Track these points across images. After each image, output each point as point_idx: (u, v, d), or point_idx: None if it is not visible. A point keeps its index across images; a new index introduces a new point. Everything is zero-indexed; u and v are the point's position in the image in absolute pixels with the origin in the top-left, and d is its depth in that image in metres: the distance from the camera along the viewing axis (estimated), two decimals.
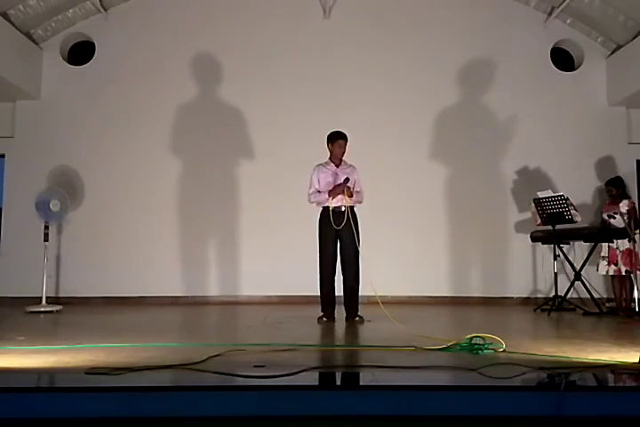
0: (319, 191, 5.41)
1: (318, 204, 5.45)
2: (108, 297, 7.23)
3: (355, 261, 5.34)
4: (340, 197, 5.32)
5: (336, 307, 5.42)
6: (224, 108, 7.66)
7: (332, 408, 2.44)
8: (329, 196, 5.32)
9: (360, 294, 5.39)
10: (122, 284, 7.30)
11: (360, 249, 5.29)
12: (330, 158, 5.53)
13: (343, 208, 5.31)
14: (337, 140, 5.44)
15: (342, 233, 5.32)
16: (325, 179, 5.43)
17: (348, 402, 2.46)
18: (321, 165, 5.54)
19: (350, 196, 5.32)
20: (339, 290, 5.43)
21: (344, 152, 5.48)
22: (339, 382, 2.93)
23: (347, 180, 5.32)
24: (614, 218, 6.24)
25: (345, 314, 5.36)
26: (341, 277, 5.42)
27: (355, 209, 5.43)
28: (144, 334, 4.45)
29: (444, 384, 2.78)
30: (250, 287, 7.39)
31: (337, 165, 5.49)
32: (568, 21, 7.82)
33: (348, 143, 5.47)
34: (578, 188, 7.36)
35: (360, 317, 5.29)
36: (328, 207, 5.34)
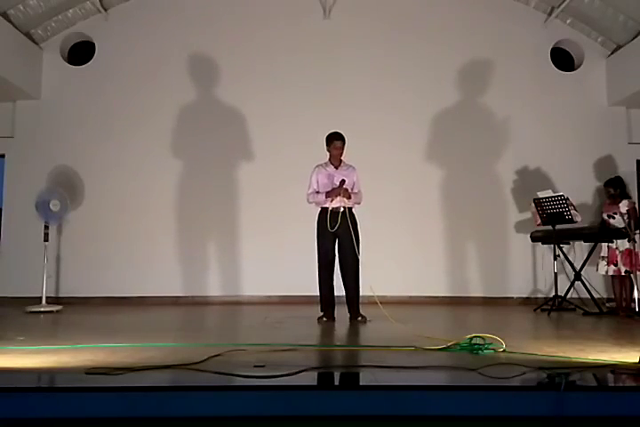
0: (317, 192, 5.40)
1: (317, 204, 5.43)
2: (108, 297, 7.23)
3: (354, 264, 5.31)
4: (338, 198, 5.29)
5: (336, 307, 5.40)
6: (224, 108, 7.66)
7: (331, 408, 2.44)
8: (326, 198, 5.31)
9: (360, 293, 5.37)
10: (122, 284, 7.30)
11: (359, 251, 5.26)
12: (329, 159, 5.52)
13: (342, 209, 5.29)
14: (333, 141, 5.41)
15: (340, 235, 5.29)
16: (322, 180, 5.42)
17: (348, 402, 2.46)
18: (320, 165, 5.51)
19: (348, 197, 5.29)
20: (338, 290, 5.42)
21: (342, 153, 5.45)
22: (339, 383, 2.93)
23: (342, 182, 5.30)
24: (614, 218, 6.24)
25: (347, 315, 5.33)
26: (341, 278, 5.40)
27: (353, 210, 5.40)
28: (144, 334, 4.45)
29: (444, 384, 2.78)
30: (250, 287, 7.39)
31: (336, 167, 5.46)
32: (568, 21, 7.82)
33: (346, 144, 5.43)
34: (578, 188, 7.36)
35: (363, 316, 5.27)
36: (326, 208, 5.33)
